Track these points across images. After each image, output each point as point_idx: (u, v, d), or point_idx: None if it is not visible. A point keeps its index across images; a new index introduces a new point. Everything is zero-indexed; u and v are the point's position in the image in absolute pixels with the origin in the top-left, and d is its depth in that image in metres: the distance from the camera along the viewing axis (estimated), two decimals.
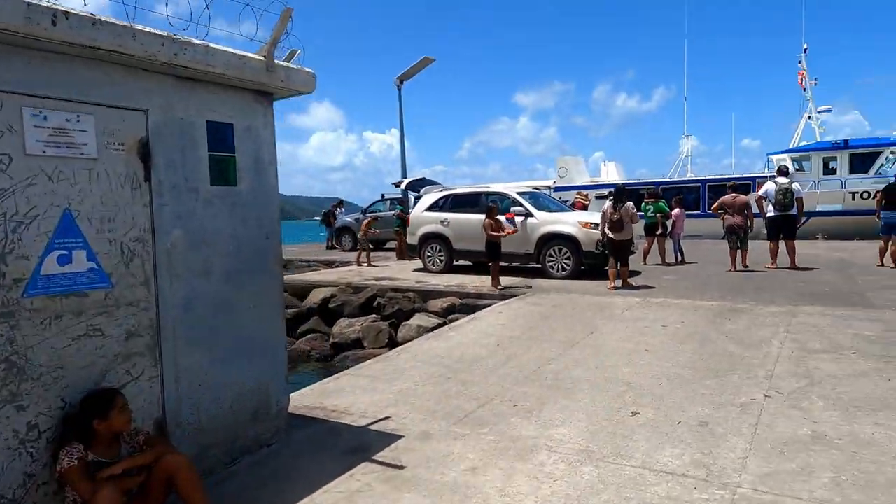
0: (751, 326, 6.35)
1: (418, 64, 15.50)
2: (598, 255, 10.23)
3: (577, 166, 25.81)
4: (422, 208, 12.33)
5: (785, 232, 10.68)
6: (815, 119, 22.61)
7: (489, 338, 6.37)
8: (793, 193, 10.40)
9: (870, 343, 5.53)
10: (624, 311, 7.42)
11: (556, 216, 10.64)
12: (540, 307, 7.89)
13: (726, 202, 10.84)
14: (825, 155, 20.59)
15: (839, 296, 7.94)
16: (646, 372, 4.94)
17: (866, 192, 19.00)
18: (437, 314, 9.32)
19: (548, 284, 9.80)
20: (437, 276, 11.47)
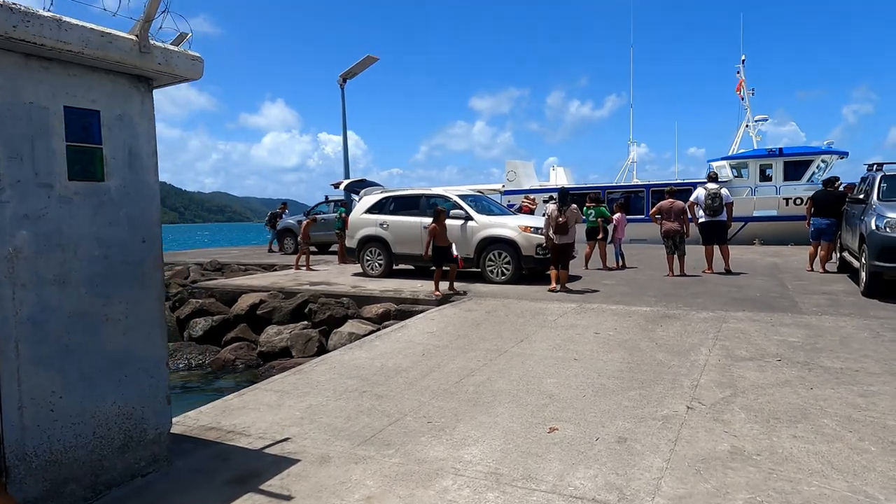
0: (682, 333, 6.26)
1: (362, 62, 15.10)
2: (539, 260, 10.10)
3: (525, 170, 25.88)
4: (361, 211, 11.94)
5: (717, 237, 10.83)
6: (753, 128, 23.38)
7: (415, 347, 6.06)
8: (722, 198, 10.55)
9: (794, 350, 5.49)
10: (558, 317, 7.25)
11: (496, 220, 10.45)
12: (474, 313, 7.64)
13: (663, 207, 10.90)
14: (762, 162, 21.26)
15: (769, 301, 8.00)
16: (571, 383, 4.73)
17: (799, 199, 19.69)
18: (371, 321, 8.97)
19: (486, 290, 9.58)
20: (375, 280, 11.10)
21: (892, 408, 3.99)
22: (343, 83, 15.56)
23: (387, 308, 9.09)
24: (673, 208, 10.79)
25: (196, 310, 9.80)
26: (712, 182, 10.96)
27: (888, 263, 7.47)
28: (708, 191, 10.68)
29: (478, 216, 10.50)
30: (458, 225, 10.57)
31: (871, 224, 7.89)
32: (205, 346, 9.26)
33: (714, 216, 10.68)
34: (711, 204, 10.59)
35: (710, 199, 10.62)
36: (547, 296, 8.85)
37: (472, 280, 10.53)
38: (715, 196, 10.59)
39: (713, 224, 10.76)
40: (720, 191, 10.67)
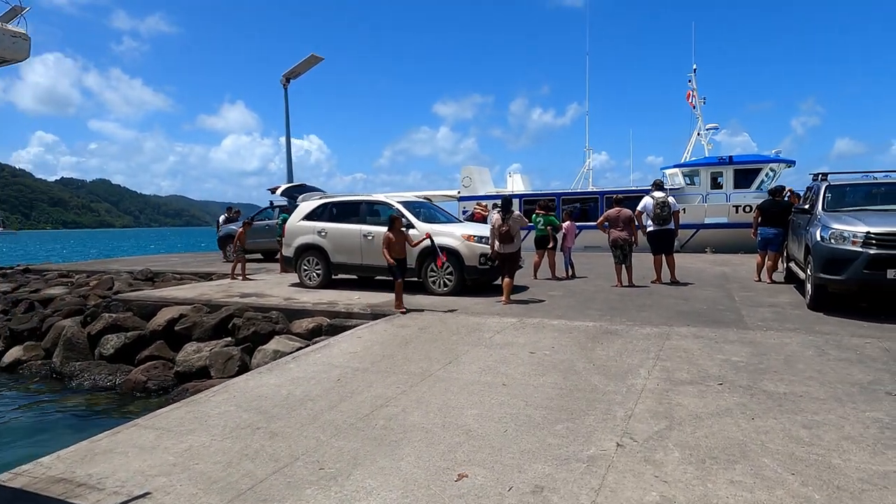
0: (622, 352, 5.85)
1: (306, 62, 14.43)
2: (483, 270, 9.64)
3: (481, 176, 25.48)
4: (298, 217, 11.28)
5: (665, 246, 10.58)
6: (704, 136, 23.56)
7: (332, 371, 5.48)
8: (669, 207, 10.32)
9: (737, 371, 5.14)
10: (495, 334, 6.77)
11: (439, 228, 9.94)
12: (406, 330, 7.10)
13: (610, 216, 10.60)
14: (713, 170, 21.38)
15: (715, 314, 7.71)
16: (494, 414, 4.23)
17: (748, 206, 19.84)
18: (300, 336, 8.34)
19: (426, 302, 9.05)
20: (312, 292, 10.46)
21: (837, 442, 3.63)
22: (286, 83, 14.85)
23: (318, 323, 8.47)
24: (620, 217, 10.50)
25: (109, 325, 8.96)
26: (659, 190, 10.71)
27: (833, 276, 7.26)
28: (656, 199, 10.44)
29: (419, 224, 9.97)
30: None
31: (815, 235, 7.69)
32: (117, 365, 8.47)
33: (662, 225, 10.44)
34: (660, 213, 10.35)
35: (658, 208, 10.38)
36: (488, 309, 8.38)
37: (414, 291, 9.99)
38: (664, 205, 10.34)
39: (662, 233, 10.51)
40: (668, 199, 10.44)
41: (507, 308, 8.44)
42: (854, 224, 7.32)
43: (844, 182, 9.09)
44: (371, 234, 10.23)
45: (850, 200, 8.79)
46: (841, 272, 7.18)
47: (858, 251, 7.04)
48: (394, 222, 8.47)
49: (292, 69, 14.60)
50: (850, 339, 6.18)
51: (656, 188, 10.88)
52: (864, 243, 7.04)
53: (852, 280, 7.11)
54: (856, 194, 8.91)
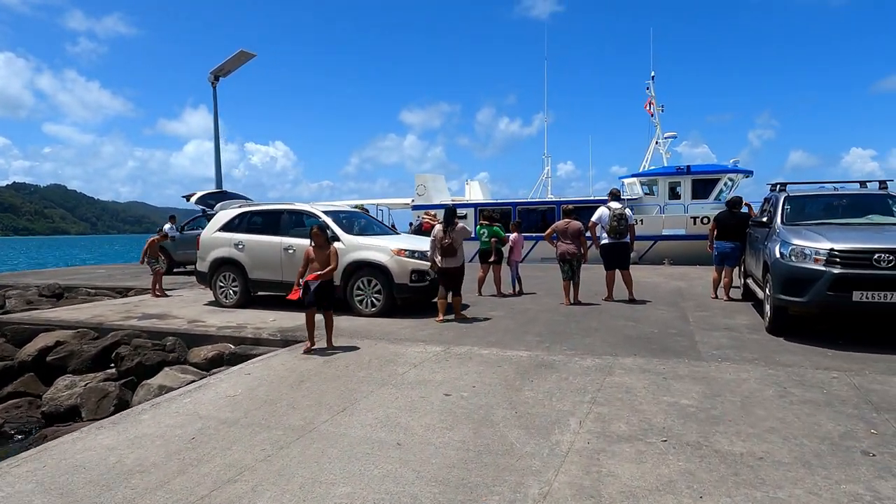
0: (553, 393, 4.91)
1: (235, 58, 13.27)
2: (414, 289, 8.64)
3: (436, 184, 24.56)
4: (214, 228, 10.11)
5: (620, 261, 9.76)
6: (663, 144, 23.16)
7: (193, 424, 4.39)
8: (626, 219, 9.51)
9: (686, 420, 4.25)
10: (411, 368, 5.77)
11: (367, 241, 8.91)
12: (308, 363, 6.03)
13: (559, 228, 9.75)
14: (671, 179, 20.93)
15: (666, 340, 6.88)
16: (371, 495, 3.22)
17: (706, 218, 19.39)
18: (197, 367, 7.22)
19: (347, 325, 8.01)
20: (225, 312, 9.29)
21: None
22: (215, 81, 13.65)
23: (220, 351, 7.35)
24: (569, 229, 9.65)
25: None
26: (615, 201, 9.90)
27: (794, 297, 6.50)
28: (612, 210, 9.60)
29: (345, 236, 8.92)
30: None
31: (774, 251, 6.94)
32: None
33: (618, 238, 9.61)
34: (616, 226, 9.50)
35: (615, 220, 9.52)
36: (415, 334, 7.38)
37: (339, 311, 8.93)
38: (620, 217, 9.50)
39: (616, 247, 9.68)
40: (625, 210, 9.62)
41: (434, 333, 7.45)
42: (816, 239, 6.59)
43: (804, 193, 8.43)
44: (293, 248, 9.15)
45: (810, 213, 8.11)
46: (802, 293, 6.42)
47: (821, 270, 6.29)
48: (315, 236, 6.77)
49: (220, 66, 13.41)
50: (815, 374, 5.38)
51: (612, 198, 10.07)
52: (828, 261, 6.29)
53: (815, 302, 6.36)
54: (816, 206, 8.25)
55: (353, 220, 10.10)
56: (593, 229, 9.87)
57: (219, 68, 13.44)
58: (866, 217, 7.62)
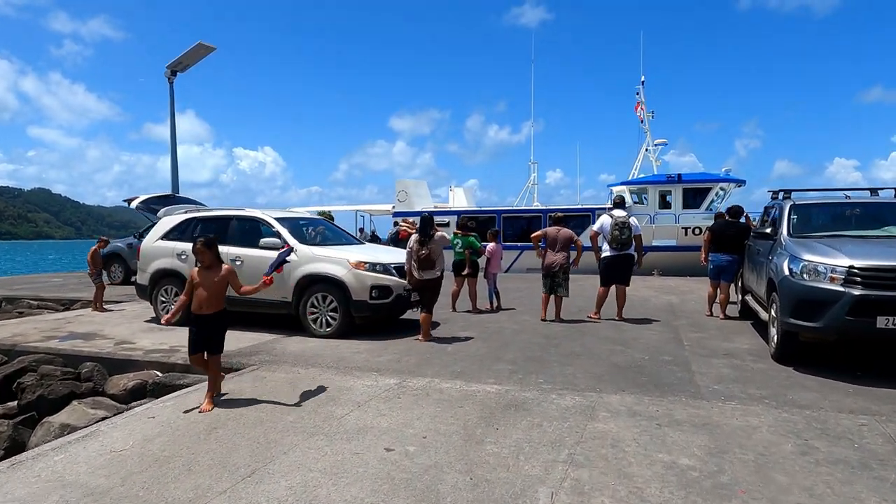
0: (522, 448, 3.95)
1: (193, 52, 12.25)
2: (375, 306, 7.65)
3: (418, 190, 23.59)
4: (155, 237, 9.07)
5: (621, 275, 8.80)
6: (653, 152, 22.38)
7: (48, 497, 3.37)
8: (630, 229, 8.57)
9: (688, 491, 3.29)
10: (354, 409, 4.78)
11: (323, 252, 7.91)
12: (229, 403, 5.02)
13: (549, 234, 8.82)
14: (661, 188, 20.14)
15: (659, 369, 5.94)
16: None
17: (698, 228, 18.59)
18: (116, 399, 6.20)
19: (295, 349, 7.01)
20: (163, 331, 8.25)
21: None
22: (172, 77, 12.62)
23: (143, 380, 6.33)
24: (559, 237, 8.73)
25: None
26: (619, 209, 8.96)
27: (806, 322, 5.59)
28: (615, 219, 8.66)
29: (300, 246, 7.92)
30: (272, 258, 7.94)
31: (782, 268, 6.04)
32: None
33: (620, 250, 8.66)
34: (619, 236, 8.56)
35: (617, 230, 8.58)
36: (369, 362, 6.39)
37: (291, 330, 7.93)
38: (623, 226, 8.56)
39: (619, 259, 8.73)
40: (629, 220, 8.68)
41: (394, 359, 6.46)
42: (831, 255, 5.69)
43: (812, 201, 7.55)
44: (240, 259, 8.13)
45: (818, 223, 7.24)
46: (817, 317, 5.51)
47: (839, 291, 5.38)
48: (200, 253, 4.99)
49: (178, 60, 12.39)
50: (839, 419, 4.46)
51: (615, 206, 9.14)
52: (847, 281, 5.39)
53: (832, 328, 5.45)
54: (824, 216, 7.38)
55: (310, 228, 9.11)
56: (594, 240, 8.95)
57: (176, 62, 12.41)
58: (883, 229, 6.74)
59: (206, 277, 4.98)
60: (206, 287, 4.96)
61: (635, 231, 8.64)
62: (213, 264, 5.02)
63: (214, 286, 4.98)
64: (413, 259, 7.39)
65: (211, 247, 5.03)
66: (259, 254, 8.00)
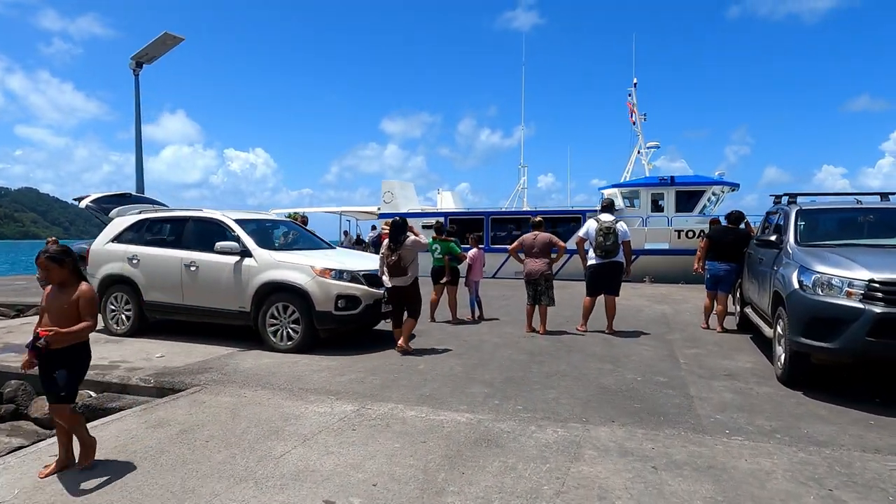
0: (490, 500, 3.26)
1: (159, 42, 11.50)
2: (341, 318, 6.95)
3: (404, 191, 22.88)
4: (105, 239, 8.33)
5: (608, 284, 8.14)
6: (645, 154, 21.82)
7: None
8: (617, 235, 7.90)
9: None
10: (298, 444, 4.07)
11: (285, 258, 7.19)
12: (154, 435, 4.29)
13: (525, 241, 8.18)
14: (653, 191, 19.54)
15: (653, 394, 5.28)
16: None
17: (691, 231, 18.02)
18: (39, 423, 5.50)
19: (251, 364, 6.30)
20: (112, 343, 7.54)
21: None
22: (137, 69, 11.86)
23: None
24: (536, 242, 8.09)
25: None
26: (606, 212, 8.29)
27: (820, 342, 4.95)
28: (600, 224, 8.02)
29: (259, 252, 7.20)
30: (229, 264, 7.23)
31: (790, 280, 5.40)
32: None
33: (606, 258, 8.00)
34: (603, 242, 7.90)
35: (601, 236, 7.94)
36: (329, 382, 5.68)
37: (252, 343, 7.22)
38: (608, 232, 7.89)
39: (604, 268, 8.08)
40: (616, 224, 7.99)
41: (357, 379, 5.76)
42: (846, 266, 5.06)
43: (820, 206, 6.93)
44: (196, 264, 7.41)
45: (825, 230, 6.62)
46: (832, 337, 4.88)
47: (857, 308, 4.75)
48: (48, 270, 3.64)
49: (143, 51, 11.65)
50: (864, 460, 3.80)
51: (603, 209, 8.44)
52: (866, 296, 4.76)
53: (849, 350, 4.81)
54: (833, 223, 6.77)
55: (275, 231, 8.40)
56: (581, 246, 8.29)
57: (141, 53, 11.66)
58: None
59: (55, 299, 3.64)
60: (53, 312, 3.63)
61: (623, 237, 7.98)
62: (67, 282, 3.66)
63: (65, 312, 3.60)
64: (384, 265, 6.84)
65: (61, 261, 3.64)
66: (217, 259, 7.30)
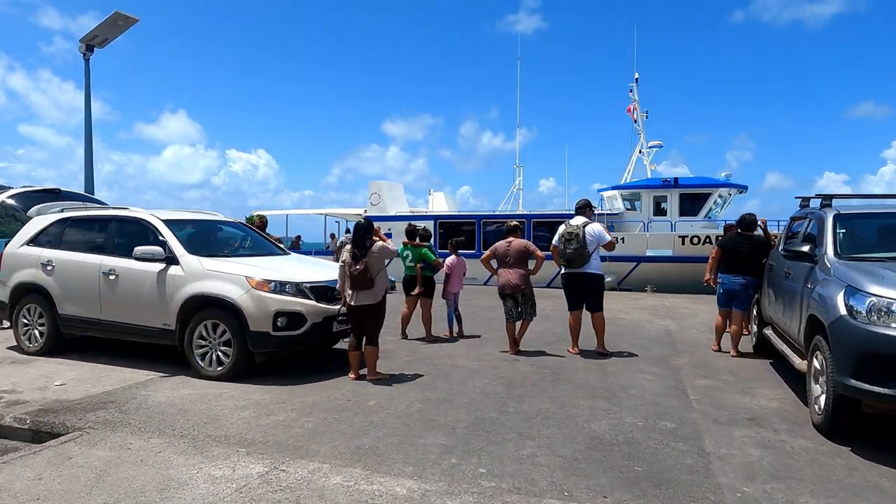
0: None
1: (109, 23, 10.37)
2: (281, 339, 5.77)
3: (392, 192, 21.71)
4: (19, 241, 7.16)
5: (580, 298, 7.01)
6: (647, 154, 20.65)
7: None
8: (580, 241, 6.74)
9: None
10: None
11: (218, 266, 6.00)
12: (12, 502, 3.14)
13: (499, 250, 7.04)
14: (656, 193, 18.39)
15: (659, 451, 4.10)
16: None
17: (696, 237, 16.87)
18: None
19: (164, 398, 5.13)
20: (18, 364, 6.37)
21: None
22: (88, 53, 10.73)
23: None
24: (511, 251, 6.95)
25: None
26: (579, 215, 7.16)
27: (877, 387, 3.79)
28: (564, 228, 6.94)
29: (188, 258, 6.03)
30: (152, 273, 6.07)
31: (835, 303, 4.24)
32: None
33: (570, 267, 6.90)
34: (563, 249, 6.84)
35: (562, 242, 6.88)
36: (249, 426, 4.51)
37: (178, 367, 6.05)
38: (570, 238, 6.78)
39: (572, 279, 6.97)
40: (581, 229, 6.82)
41: (287, 422, 4.58)
42: None
43: (863, 211, 5.74)
44: (114, 272, 6.26)
45: (871, 241, 5.47)
46: (892, 381, 3.72)
47: None
48: None
49: (93, 33, 10.51)
50: None
51: (577, 212, 7.29)
52: None
53: None
54: (879, 230, 5.61)
55: (217, 234, 7.25)
56: (554, 254, 7.13)
57: (90, 35, 10.54)
58: None
59: None
60: None
61: (597, 240, 6.81)
62: None
63: None
64: (346, 276, 5.66)
65: None
66: (139, 267, 6.14)
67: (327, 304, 5.98)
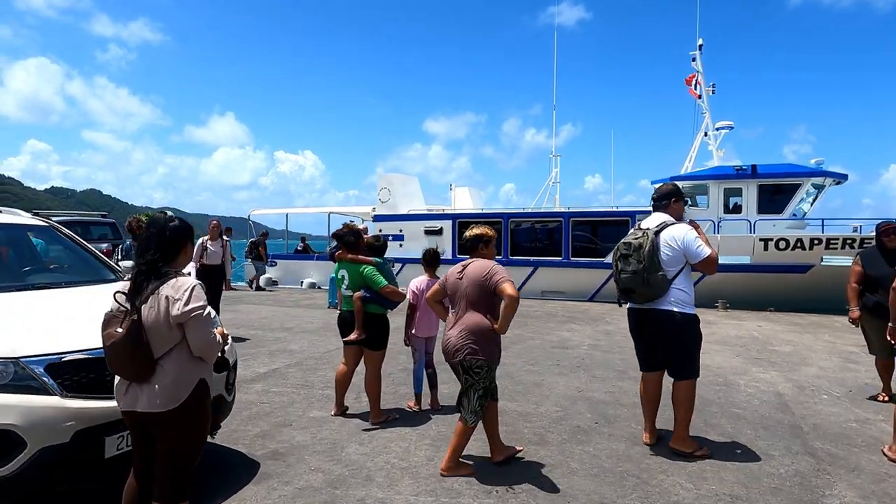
0: None
1: None
2: None
3: (405, 188, 18.50)
4: None
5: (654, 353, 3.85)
6: (713, 138, 16.79)
7: None
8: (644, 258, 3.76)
9: None
10: None
11: None
12: None
13: (448, 282, 3.82)
14: (727, 185, 14.62)
15: None
16: None
17: (783, 241, 13.11)
18: None
19: None
20: None
21: None
22: None
23: None
24: (464, 281, 3.71)
25: None
26: (659, 210, 4.13)
27: None
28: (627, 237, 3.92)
29: None
30: None
31: None
32: None
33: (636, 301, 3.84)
34: (618, 273, 3.90)
35: (616, 260, 3.96)
36: None
37: None
38: (629, 251, 3.87)
39: (637, 318, 4.00)
40: (650, 236, 3.83)
41: None
42: None
43: None
44: None
45: None
46: None
47: None
48: None
49: None
50: None
51: (656, 203, 4.24)
52: None
53: None
54: None
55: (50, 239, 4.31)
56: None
57: None
58: None
59: None
60: None
61: (688, 253, 3.81)
62: None
63: None
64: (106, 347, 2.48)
65: None
66: None
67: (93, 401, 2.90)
